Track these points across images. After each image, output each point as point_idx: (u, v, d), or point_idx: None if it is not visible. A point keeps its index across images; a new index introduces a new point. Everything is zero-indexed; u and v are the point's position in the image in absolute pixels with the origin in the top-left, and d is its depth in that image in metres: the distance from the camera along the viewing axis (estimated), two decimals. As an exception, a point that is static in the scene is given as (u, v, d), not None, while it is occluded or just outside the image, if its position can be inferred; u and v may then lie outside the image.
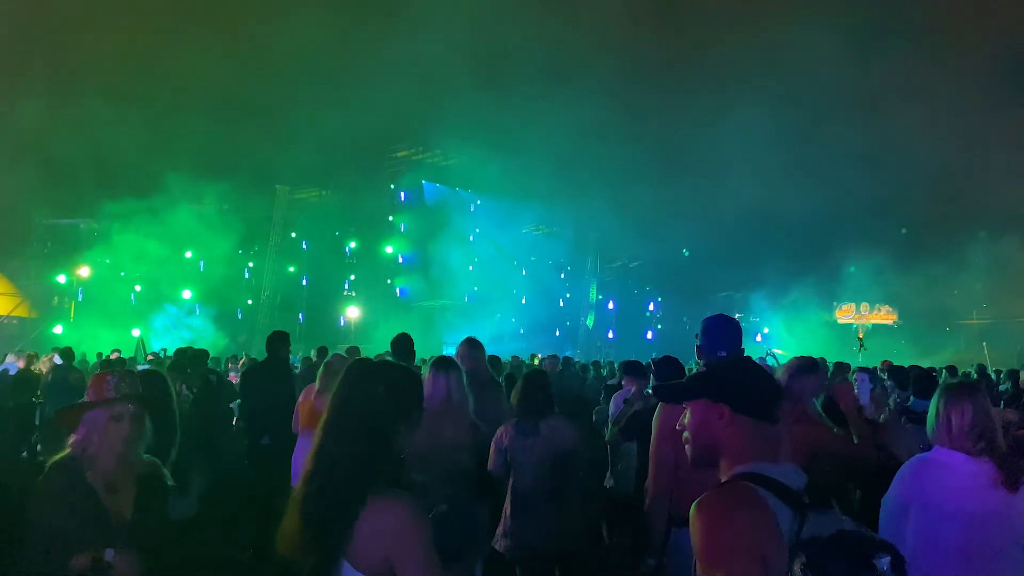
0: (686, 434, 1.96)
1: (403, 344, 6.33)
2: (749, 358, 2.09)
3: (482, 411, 4.41)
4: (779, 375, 4.02)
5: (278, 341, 7.69)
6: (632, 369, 6.59)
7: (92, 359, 16.68)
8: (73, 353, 12.65)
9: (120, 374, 3.06)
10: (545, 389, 4.40)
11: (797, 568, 1.62)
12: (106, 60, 28.33)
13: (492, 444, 4.33)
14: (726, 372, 1.98)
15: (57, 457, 2.80)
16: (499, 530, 4.38)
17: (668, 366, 5.10)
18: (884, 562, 1.62)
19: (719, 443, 1.88)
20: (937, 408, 2.87)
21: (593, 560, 4.69)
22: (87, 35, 27.28)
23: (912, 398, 5.95)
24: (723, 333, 3.37)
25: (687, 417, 1.95)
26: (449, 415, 4.01)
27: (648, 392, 5.47)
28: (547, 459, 4.19)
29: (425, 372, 4.37)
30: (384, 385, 2.01)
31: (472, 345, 5.44)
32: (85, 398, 2.94)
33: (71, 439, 2.80)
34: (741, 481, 1.77)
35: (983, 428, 2.74)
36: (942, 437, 2.82)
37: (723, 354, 3.22)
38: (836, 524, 1.69)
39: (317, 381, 6.35)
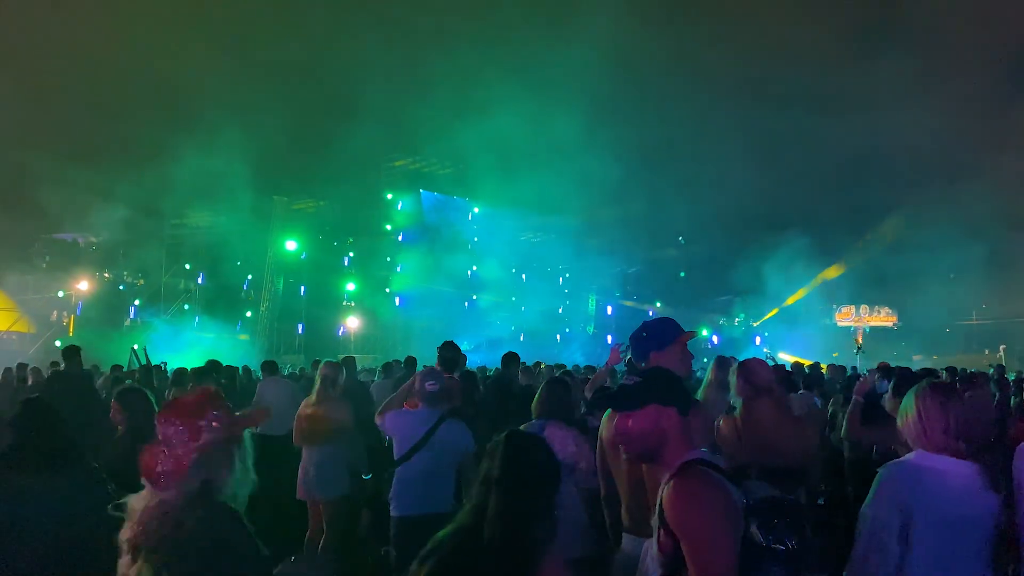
0: (624, 435, 2.24)
1: (451, 352, 6.37)
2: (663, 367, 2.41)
3: None
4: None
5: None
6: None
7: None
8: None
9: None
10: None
11: (754, 530, 1.96)
12: (102, 73, 28.42)
13: None
14: (670, 379, 2.27)
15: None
16: None
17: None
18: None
19: (667, 441, 2.16)
20: (917, 409, 2.76)
21: None
22: (87, 48, 27.36)
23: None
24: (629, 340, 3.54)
25: (632, 420, 2.21)
26: None
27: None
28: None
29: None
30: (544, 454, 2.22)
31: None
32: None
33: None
34: (697, 467, 2.06)
35: (968, 429, 2.68)
36: (925, 439, 2.72)
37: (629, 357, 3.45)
38: (762, 490, 2.06)
39: (314, 394, 6.36)
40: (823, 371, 12.44)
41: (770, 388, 4.30)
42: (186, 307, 32.61)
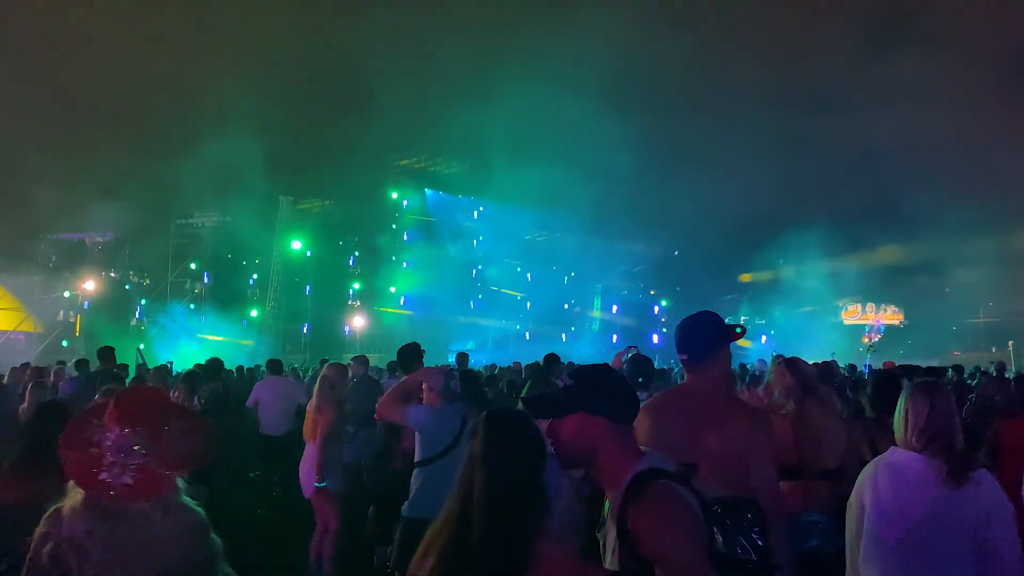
0: (553, 440, 2.07)
1: (410, 353, 6.28)
2: (607, 365, 2.23)
3: None
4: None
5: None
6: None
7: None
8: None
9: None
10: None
11: (718, 536, 1.89)
12: (108, 73, 28.51)
13: None
14: (600, 385, 2.09)
15: None
16: None
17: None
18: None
19: (599, 450, 2.01)
20: (899, 408, 2.86)
21: None
22: (93, 53, 27.44)
23: None
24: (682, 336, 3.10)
25: (560, 426, 2.06)
26: None
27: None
28: None
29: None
30: (526, 429, 2.12)
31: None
32: None
33: None
34: (655, 480, 1.91)
35: (938, 428, 2.71)
36: (900, 437, 2.83)
37: (684, 357, 3.00)
38: (711, 491, 1.97)
39: (315, 395, 6.48)
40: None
41: (816, 386, 4.24)
42: (192, 306, 32.69)
